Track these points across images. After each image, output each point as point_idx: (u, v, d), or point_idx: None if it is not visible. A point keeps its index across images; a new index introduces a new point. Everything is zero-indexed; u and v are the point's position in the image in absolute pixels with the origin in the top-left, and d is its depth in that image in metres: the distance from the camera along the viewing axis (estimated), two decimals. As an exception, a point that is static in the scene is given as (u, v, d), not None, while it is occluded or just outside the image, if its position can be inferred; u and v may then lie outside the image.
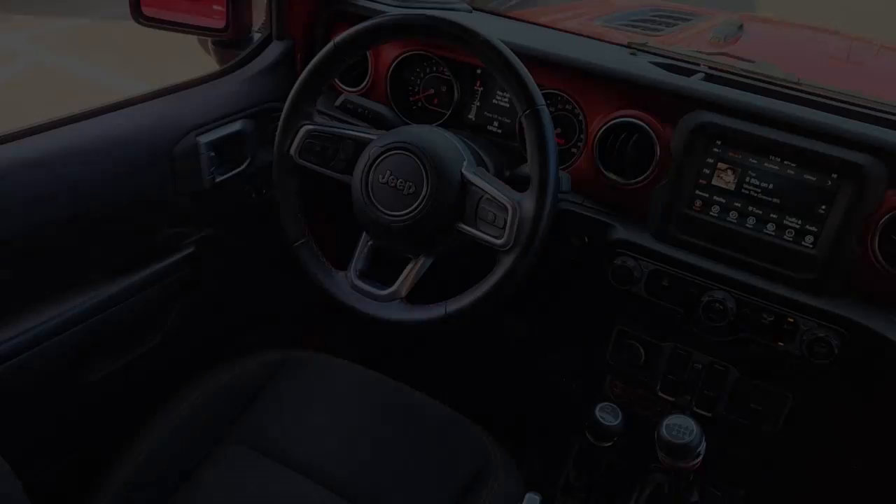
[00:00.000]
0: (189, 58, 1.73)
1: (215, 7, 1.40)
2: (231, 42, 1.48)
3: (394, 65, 1.41)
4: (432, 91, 1.43)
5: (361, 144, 1.18)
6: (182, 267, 1.33)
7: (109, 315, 1.22)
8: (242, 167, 1.40)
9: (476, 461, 1.20)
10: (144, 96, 1.28)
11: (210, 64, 1.52)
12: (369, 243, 1.22)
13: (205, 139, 1.29)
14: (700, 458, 1.12)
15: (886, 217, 1.05)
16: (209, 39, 1.51)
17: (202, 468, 1.14)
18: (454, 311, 1.11)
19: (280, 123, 1.22)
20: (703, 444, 1.11)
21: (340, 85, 1.47)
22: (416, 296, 1.18)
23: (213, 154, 1.31)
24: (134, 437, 1.15)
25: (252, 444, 1.17)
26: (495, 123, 1.39)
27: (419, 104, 1.45)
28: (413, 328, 1.14)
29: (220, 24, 1.41)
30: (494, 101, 1.38)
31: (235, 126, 1.36)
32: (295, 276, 1.25)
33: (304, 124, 1.21)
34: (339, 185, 1.21)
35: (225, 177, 1.36)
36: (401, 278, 1.18)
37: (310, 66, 1.19)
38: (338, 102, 1.31)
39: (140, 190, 1.23)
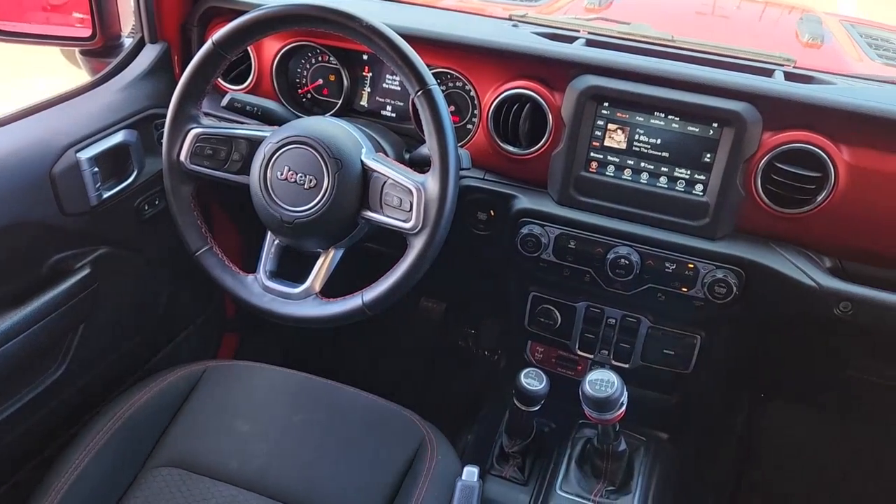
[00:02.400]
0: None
1: (77, 14, 1.33)
2: (100, 50, 1.40)
3: (277, 58, 1.38)
4: (321, 81, 1.41)
5: (255, 143, 1.15)
6: (78, 290, 1.26)
7: (5, 351, 1.15)
8: (130, 180, 1.33)
9: (411, 445, 1.20)
10: (12, 116, 1.20)
11: (81, 76, 1.44)
12: (276, 242, 1.20)
13: (85, 155, 1.23)
14: (623, 408, 1.17)
15: (765, 159, 1.12)
16: (76, 49, 1.43)
17: (129, 496, 1.09)
18: (371, 299, 1.11)
19: (166, 130, 1.18)
20: (625, 394, 1.16)
21: (224, 84, 1.42)
22: (331, 289, 1.17)
23: (96, 170, 1.25)
24: (52, 470, 1.09)
25: (179, 463, 1.14)
26: (389, 108, 1.38)
27: (309, 96, 1.42)
28: (332, 322, 1.13)
29: (86, 32, 1.33)
30: (385, 85, 1.37)
31: (117, 138, 1.29)
32: (203, 285, 1.21)
33: (192, 128, 1.17)
34: (237, 186, 1.17)
35: (112, 192, 1.30)
36: (313, 273, 1.16)
37: (189, 67, 1.14)
38: (224, 102, 1.26)
39: (21, 216, 1.15)
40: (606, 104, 1.18)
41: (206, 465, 1.14)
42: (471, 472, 1.13)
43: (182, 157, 1.17)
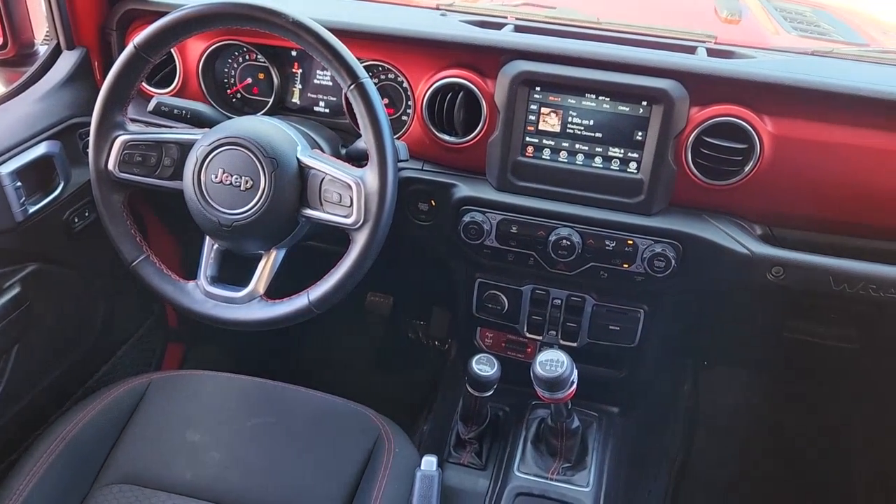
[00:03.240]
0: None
1: (-17, 24, 1.27)
2: (13, 60, 1.34)
3: (203, 59, 1.34)
4: (250, 80, 1.38)
5: (186, 147, 1.13)
6: (9, 311, 1.21)
7: None
8: (56, 193, 1.29)
9: (368, 440, 1.20)
10: None
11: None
12: (215, 247, 1.17)
13: (6, 169, 1.18)
14: (574, 386, 1.19)
15: (694, 134, 1.15)
16: (-14, 60, 1.37)
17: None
18: (317, 297, 1.10)
19: (91, 139, 1.14)
20: (575, 372, 1.18)
21: (149, 88, 1.38)
22: (275, 290, 1.15)
23: (19, 184, 1.20)
24: None
25: (131, 479, 1.11)
26: (321, 103, 1.37)
27: (238, 96, 1.40)
28: (279, 324, 1.12)
29: (-4, 41, 1.28)
30: (316, 81, 1.36)
31: (39, 150, 1.24)
32: (142, 296, 1.18)
33: (119, 135, 1.13)
34: (171, 192, 1.14)
35: (39, 206, 1.25)
36: (256, 276, 1.14)
37: (111, 73, 1.11)
38: (150, 107, 1.22)
39: None
40: (538, 88, 1.19)
41: (159, 478, 1.11)
42: (429, 462, 1.14)
43: (110, 166, 1.14)
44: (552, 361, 1.16)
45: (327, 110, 1.37)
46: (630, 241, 1.22)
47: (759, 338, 1.58)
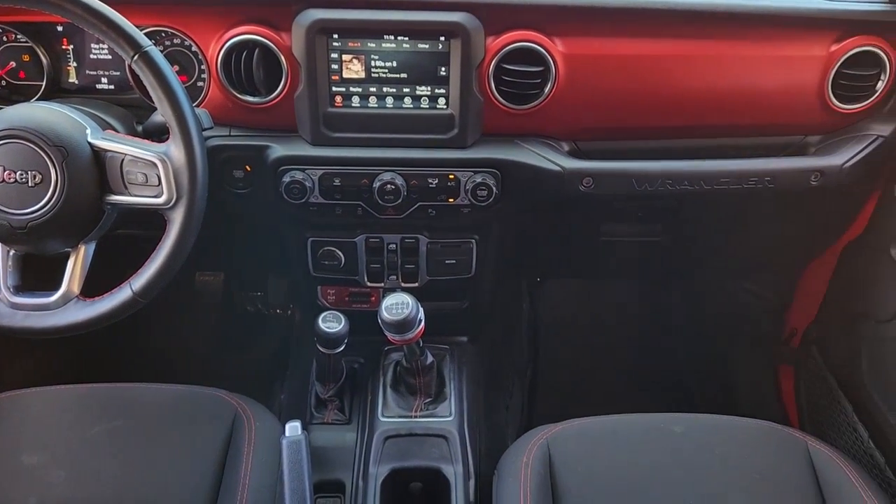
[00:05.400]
0: None
1: None
2: None
3: (-49, 46, 1.18)
4: (13, 64, 1.23)
5: None
6: None
7: None
8: None
9: (225, 421, 1.17)
10: None
11: None
12: (11, 253, 1.06)
13: None
14: (422, 324, 1.22)
15: (493, 63, 1.19)
16: None
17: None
18: (141, 287, 1.03)
19: None
20: (421, 311, 1.21)
21: None
22: (94, 287, 1.07)
23: None
24: None
25: None
26: (104, 80, 1.26)
27: (3, 83, 1.25)
28: (104, 322, 1.04)
29: None
30: (93, 56, 1.24)
31: None
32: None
33: None
34: None
35: None
36: (66, 276, 1.05)
37: None
38: None
39: None
40: (336, 36, 1.17)
41: None
42: (293, 427, 1.12)
43: None
44: (397, 304, 1.18)
45: (112, 86, 1.26)
46: (452, 176, 1.25)
47: (580, 246, 1.70)
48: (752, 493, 1.09)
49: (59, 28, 1.22)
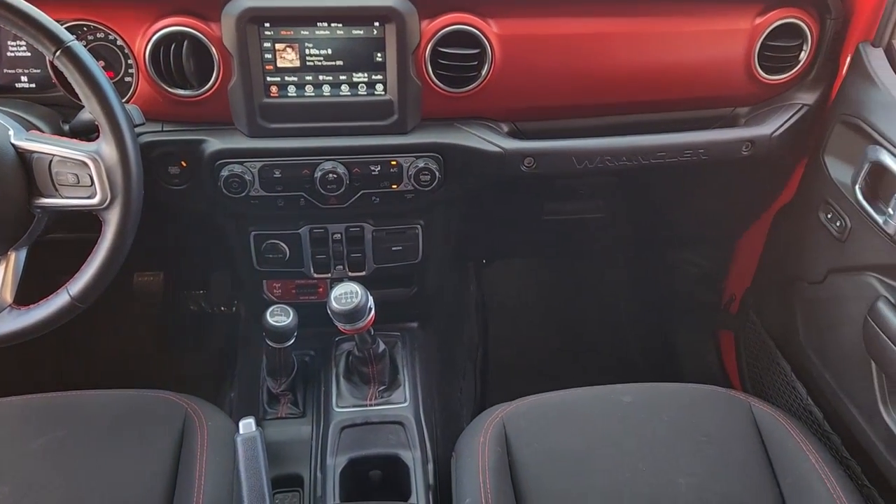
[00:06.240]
0: None
1: None
2: None
3: None
4: (-79, 66, 1.17)
5: None
6: None
7: None
8: None
9: (175, 423, 1.15)
10: None
11: None
12: (-66, 266, 1.01)
13: None
14: (372, 312, 1.22)
15: (429, 47, 1.18)
16: None
17: None
18: (79, 291, 1.00)
19: None
20: (370, 299, 1.20)
21: None
22: (28, 294, 1.03)
23: None
24: None
25: None
26: (24, 78, 1.20)
27: (-87, 86, 1.18)
28: (42, 329, 1.00)
29: None
30: (10, 53, 1.18)
31: None
32: None
33: None
34: None
35: None
36: None
37: None
38: None
39: None
40: (267, 24, 1.14)
41: None
42: (247, 424, 1.11)
43: None
44: (346, 294, 1.17)
45: (33, 85, 1.20)
46: (394, 162, 1.24)
47: (524, 227, 1.72)
48: (700, 454, 1.13)
49: (-30, 25, 1.16)
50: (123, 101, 1.03)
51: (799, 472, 1.11)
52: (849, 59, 1.28)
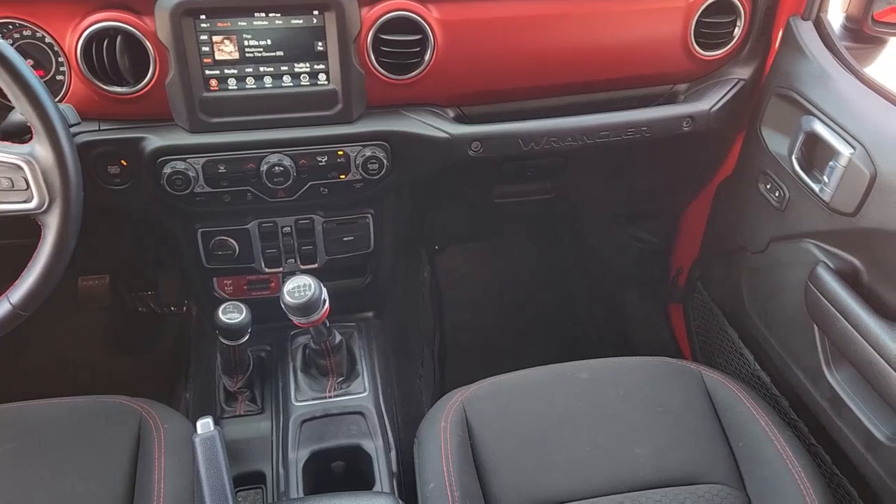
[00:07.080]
0: None
1: None
2: None
3: None
4: None
5: None
6: None
7: None
8: None
9: (130, 428, 1.13)
10: None
11: None
12: None
13: None
14: (327, 304, 1.21)
15: (370, 34, 1.17)
16: None
17: None
18: (21, 299, 0.96)
19: None
20: (324, 291, 1.19)
21: None
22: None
23: None
24: None
25: None
26: (-52, 80, 1.15)
27: None
28: None
29: None
30: (-69, 55, 1.13)
31: None
32: None
33: None
34: None
35: None
36: None
37: None
38: None
39: None
40: (203, 17, 1.12)
41: None
42: (205, 424, 1.09)
43: None
44: (299, 287, 1.16)
45: (-44, 87, 1.16)
46: (341, 152, 1.23)
47: (476, 212, 1.73)
48: (656, 424, 1.16)
49: None
50: (56, 100, 1.00)
51: (750, 435, 1.15)
52: (780, 34, 1.32)
